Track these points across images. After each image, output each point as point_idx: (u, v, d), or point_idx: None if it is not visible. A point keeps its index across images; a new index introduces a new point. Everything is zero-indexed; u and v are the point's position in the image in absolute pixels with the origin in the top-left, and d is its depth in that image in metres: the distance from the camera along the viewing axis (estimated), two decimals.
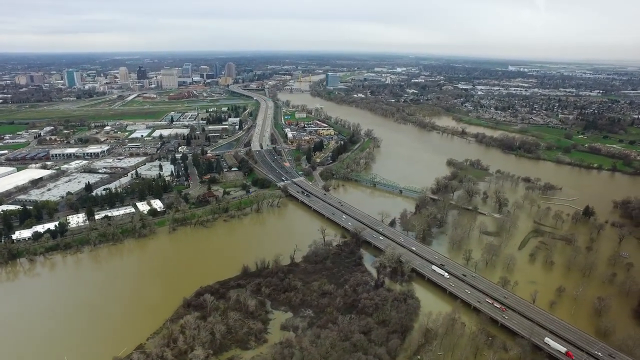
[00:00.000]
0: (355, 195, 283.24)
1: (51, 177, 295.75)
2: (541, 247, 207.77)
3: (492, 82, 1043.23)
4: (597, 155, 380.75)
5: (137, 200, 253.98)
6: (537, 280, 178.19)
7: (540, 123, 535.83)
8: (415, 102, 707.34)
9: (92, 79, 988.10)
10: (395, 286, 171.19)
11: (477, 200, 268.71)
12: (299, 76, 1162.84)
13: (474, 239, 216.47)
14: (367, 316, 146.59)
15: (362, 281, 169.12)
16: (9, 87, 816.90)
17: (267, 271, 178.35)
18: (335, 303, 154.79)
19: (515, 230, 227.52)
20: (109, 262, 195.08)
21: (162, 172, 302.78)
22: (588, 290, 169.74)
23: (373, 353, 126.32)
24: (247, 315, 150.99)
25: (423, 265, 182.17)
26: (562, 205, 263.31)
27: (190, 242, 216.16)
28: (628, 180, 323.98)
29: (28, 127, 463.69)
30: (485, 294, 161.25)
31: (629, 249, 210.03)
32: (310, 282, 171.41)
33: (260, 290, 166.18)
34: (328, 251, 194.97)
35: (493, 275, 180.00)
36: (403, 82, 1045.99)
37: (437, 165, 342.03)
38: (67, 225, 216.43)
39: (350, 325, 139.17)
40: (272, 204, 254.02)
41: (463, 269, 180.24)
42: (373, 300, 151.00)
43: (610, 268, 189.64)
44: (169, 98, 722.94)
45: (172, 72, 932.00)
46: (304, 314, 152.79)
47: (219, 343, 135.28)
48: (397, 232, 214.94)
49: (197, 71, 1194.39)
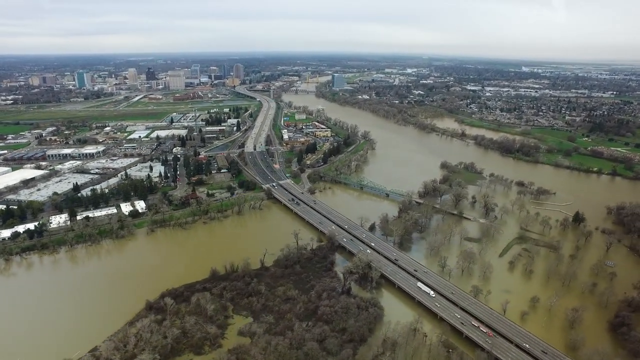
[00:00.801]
0: (342, 198, 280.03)
1: (43, 177, 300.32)
2: (523, 254, 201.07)
3: (502, 84, 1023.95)
4: (599, 158, 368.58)
5: (122, 201, 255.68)
6: (512, 289, 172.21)
7: (545, 125, 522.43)
8: (420, 103, 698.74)
9: (103, 80, 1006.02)
10: (363, 293, 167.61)
11: (465, 204, 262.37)
12: (307, 77, 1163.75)
13: (454, 245, 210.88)
14: (326, 324, 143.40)
15: (329, 287, 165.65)
16: (22, 88, 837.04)
17: (235, 275, 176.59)
18: (296, 309, 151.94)
19: (500, 236, 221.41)
20: (82, 263, 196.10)
21: (152, 173, 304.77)
22: (565, 301, 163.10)
23: None
24: (206, 320, 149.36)
25: (394, 272, 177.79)
26: (553, 210, 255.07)
27: (166, 244, 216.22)
28: (627, 185, 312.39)
29: (32, 127, 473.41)
30: (455, 304, 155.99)
31: (616, 258, 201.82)
32: (277, 287, 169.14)
33: (224, 294, 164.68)
34: (300, 255, 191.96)
35: (468, 283, 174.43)
36: (411, 83, 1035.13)
37: (431, 168, 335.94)
38: (47, 225, 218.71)
39: (305, 333, 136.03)
40: (254, 206, 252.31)
41: (435, 277, 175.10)
42: (333, 308, 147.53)
43: (592, 277, 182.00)
44: (173, 99, 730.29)
45: (179, 73, 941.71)
46: (264, 319, 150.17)
47: (170, 347, 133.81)
48: (374, 237, 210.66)
49: (207, 72, 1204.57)
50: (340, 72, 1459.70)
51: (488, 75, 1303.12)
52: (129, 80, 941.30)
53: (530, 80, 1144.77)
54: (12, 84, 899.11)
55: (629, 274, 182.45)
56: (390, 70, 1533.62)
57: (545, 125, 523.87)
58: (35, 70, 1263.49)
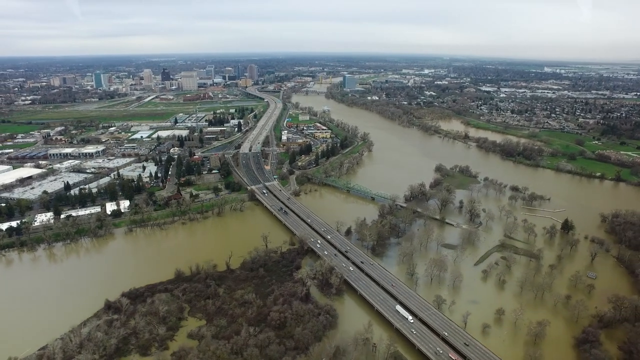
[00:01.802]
0: (326, 201, 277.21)
1: (40, 176, 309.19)
2: (501, 263, 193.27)
3: (519, 84, 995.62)
4: (605, 163, 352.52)
5: (108, 201, 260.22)
6: (481, 300, 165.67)
7: (555, 128, 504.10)
8: (429, 104, 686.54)
9: (120, 80, 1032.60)
10: (323, 299, 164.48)
11: (452, 210, 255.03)
12: (320, 78, 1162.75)
13: (431, 251, 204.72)
14: (278, 329, 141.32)
15: (289, 292, 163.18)
16: (42, 89, 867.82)
17: (198, 277, 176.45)
18: (248, 314, 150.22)
19: (481, 243, 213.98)
20: (56, 261, 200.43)
21: (143, 173, 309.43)
22: (534, 314, 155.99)
23: None
24: (159, 321, 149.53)
25: (358, 278, 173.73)
26: (544, 217, 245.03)
27: (141, 243, 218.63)
28: (631, 192, 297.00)
29: (42, 127, 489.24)
30: (414, 315, 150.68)
31: (601, 269, 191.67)
32: (237, 290, 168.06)
33: (182, 295, 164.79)
34: (268, 259, 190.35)
35: (436, 292, 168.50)
36: (425, 84, 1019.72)
37: (426, 171, 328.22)
38: (30, 223, 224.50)
39: (249, 338, 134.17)
40: (235, 207, 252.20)
41: (401, 285, 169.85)
42: (284, 314, 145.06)
43: (569, 290, 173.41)
44: (184, 99, 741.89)
45: (191, 74, 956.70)
46: (217, 323, 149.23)
47: (115, 347, 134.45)
48: (347, 241, 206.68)
49: (223, 73, 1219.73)
50: (356, 73, 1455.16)
51: (507, 76, 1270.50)
52: (144, 80, 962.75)
53: (551, 81, 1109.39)
54: (35, 84, 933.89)
55: (609, 287, 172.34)
56: (407, 71, 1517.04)
57: (555, 127, 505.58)
58: (60, 71, 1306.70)
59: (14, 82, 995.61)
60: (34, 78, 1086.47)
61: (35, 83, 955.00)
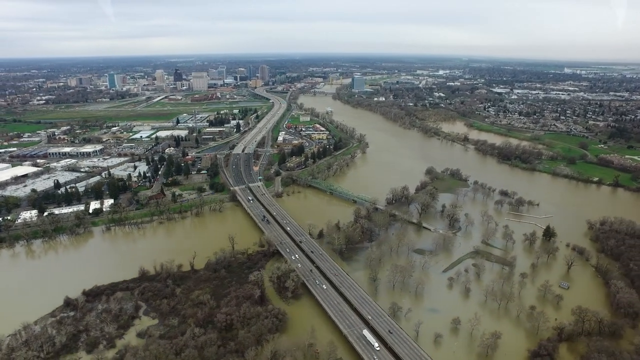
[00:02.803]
0: (307, 203, 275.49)
1: (35, 174, 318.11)
2: (471, 270, 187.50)
3: (534, 86, 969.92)
4: (607, 167, 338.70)
5: (94, 199, 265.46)
6: (441, 308, 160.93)
7: (562, 130, 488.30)
8: (435, 106, 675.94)
9: (134, 81, 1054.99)
10: (279, 302, 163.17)
11: (433, 214, 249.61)
12: (331, 79, 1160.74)
13: (402, 256, 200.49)
14: (221, 331, 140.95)
15: (245, 294, 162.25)
16: (59, 89, 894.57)
17: (160, 276, 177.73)
18: (198, 315, 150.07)
19: (456, 249, 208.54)
20: (31, 257, 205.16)
21: (133, 173, 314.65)
22: (494, 324, 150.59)
23: None
24: (113, 319, 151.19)
25: (318, 283, 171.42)
26: (528, 223, 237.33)
27: (115, 242, 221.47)
28: (627, 197, 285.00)
29: (50, 126, 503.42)
30: (367, 323, 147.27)
31: (577, 279, 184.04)
32: (195, 290, 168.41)
33: (138, 294, 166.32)
34: (234, 260, 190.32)
35: (397, 298, 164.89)
36: (438, 85, 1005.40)
37: (417, 173, 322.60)
38: (13, 220, 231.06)
39: (192, 339, 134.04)
40: (214, 208, 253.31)
41: (361, 291, 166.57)
42: (230, 316, 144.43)
43: (538, 300, 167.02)
44: (191, 100, 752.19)
45: (202, 74, 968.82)
46: (168, 322, 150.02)
47: (60, 345, 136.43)
48: (315, 244, 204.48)
49: (236, 73, 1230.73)
50: (370, 73, 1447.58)
51: (523, 77, 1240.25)
52: (156, 81, 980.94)
53: (568, 82, 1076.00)
54: (53, 85, 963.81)
55: (579, 298, 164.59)
56: (422, 71, 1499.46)
57: (562, 130, 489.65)
58: (81, 72, 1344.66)
59: (34, 82, 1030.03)
60: (54, 79, 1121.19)
61: (53, 83, 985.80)
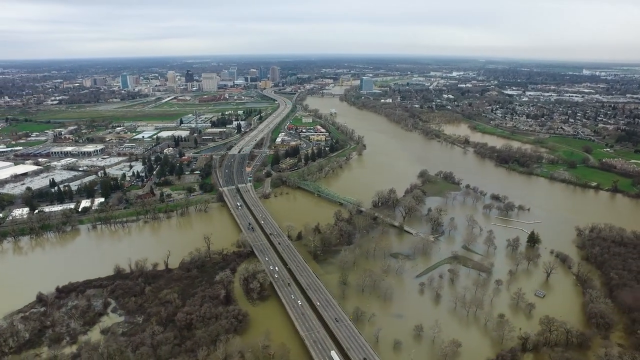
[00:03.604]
0: (295, 204, 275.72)
1: (35, 173, 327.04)
2: (445, 276, 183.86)
3: (547, 88, 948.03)
4: (608, 172, 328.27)
5: (85, 198, 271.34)
6: (406, 314, 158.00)
7: (568, 133, 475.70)
8: (441, 108, 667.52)
9: (147, 81, 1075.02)
10: (245, 303, 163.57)
11: (419, 217, 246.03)
12: (341, 80, 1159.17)
13: (378, 259, 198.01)
14: (181, 330, 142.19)
15: (212, 294, 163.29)
16: (74, 89, 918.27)
17: (134, 274, 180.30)
18: (162, 313, 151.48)
19: (435, 254, 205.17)
20: (17, 254, 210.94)
21: (128, 172, 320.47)
22: (460, 332, 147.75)
23: None
24: (80, 315, 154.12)
25: (285, 284, 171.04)
26: (515, 229, 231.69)
27: (98, 240, 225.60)
28: (625, 203, 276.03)
29: (58, 126, 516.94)
30: (326, 327, 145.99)
31: (557, 287, 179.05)
32: (164, 289, 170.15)
33: (115, 291, 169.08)
34: (208, 260, 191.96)
35: (364, 302, 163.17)
36: (449, 86, 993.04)
37: (410, 176, 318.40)
38: (5, 217, 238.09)
39: (151, 337, 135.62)
40: (200, 208, 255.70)
41: (327, 295, 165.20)
42: (190, 315, 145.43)
43: (510, 308, 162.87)
44: (199, 101, 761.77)
45: (212, 75, 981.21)
46: (133, 320, 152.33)
47: (24, 340, 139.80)
48: (291, 246, 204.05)
49: (248, 74, 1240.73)
50: (382, 75, 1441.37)
51: (539, 79, 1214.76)
52: (168, 82, 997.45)
53: (585, 84, 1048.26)
54: (68, 85, 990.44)
55: (554, 307, 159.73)
56: (435, 73, 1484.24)
57: (569, 133, 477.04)
58: (98, 73, 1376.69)
59: (52, 83, 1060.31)
60: (71, 79, 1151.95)
61: (69, 84, 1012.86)
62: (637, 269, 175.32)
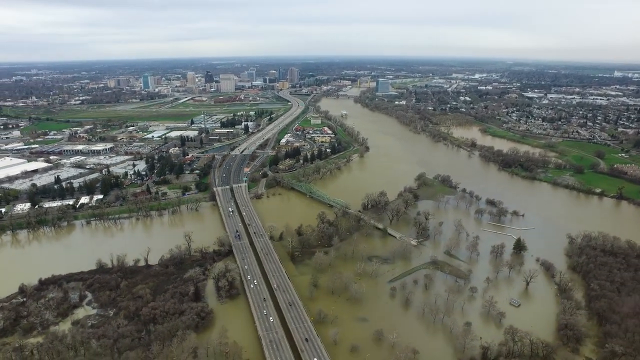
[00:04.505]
0: (286, 204, 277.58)
1: (44, 170, 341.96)
2: (421, 281, 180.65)
3: (571, 90, 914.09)
4: (617, 178, 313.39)
5: (85, 195, 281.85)
6: (372, 319, 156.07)
7: (583, 137, 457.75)
8: (454, 110, 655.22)
9: (168, 82, 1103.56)
10: (214, 300, 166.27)
11: (408, 220, 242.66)
12: (359, 82, 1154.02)
13: (357, 262, 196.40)
14: (145, 324, 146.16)
15: (183, 291, 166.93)
16: (98, 90, 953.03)
17: (114, 269, 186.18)
18: (130, 307, 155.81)
19: (415, 258, 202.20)
20: (14, 246, 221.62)
21: (130, 171, 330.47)
22: (425, 339, 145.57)
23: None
24: (56, 306, 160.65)
25: (256, 284, 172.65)
26: (506, 235, 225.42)
27: (91, 235, 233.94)
28: (628, 211, 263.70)
29: (76, 125, 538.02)
30: (283, 326, 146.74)
31: (536, 296, 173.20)
32: (139, 284, 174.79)
33: (93, 285, 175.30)
34: (188, 257, 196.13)
35: (331, 304, 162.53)
36: (469, 89, 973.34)
37: (407, 179, 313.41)
38: (8, 212, 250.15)
39: (114, 329, 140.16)
40: (191, 207, 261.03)
41: (294, 296, 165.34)
42: (155, 310, 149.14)
43: (480, 316, 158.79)
44: (214, 101, 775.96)
45: (230, 76, 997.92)
46: (106, 313, 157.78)
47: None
48: (270, 246, 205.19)
49: (267, 75, 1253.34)
50: (403, 77, 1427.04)
51: (565, 81, 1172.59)
52: (188, 82, 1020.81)
53: (614, 86, 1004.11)
54: (93, 86, 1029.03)
55: (527, 317, 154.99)
56: (457, 75, 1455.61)
57: (584, 137, 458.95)
58: (124, 73, 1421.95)
59: (79, 83, 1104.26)
60: (97, 80, 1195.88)
61: (94, 85, 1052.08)
62: (621, 280, 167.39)
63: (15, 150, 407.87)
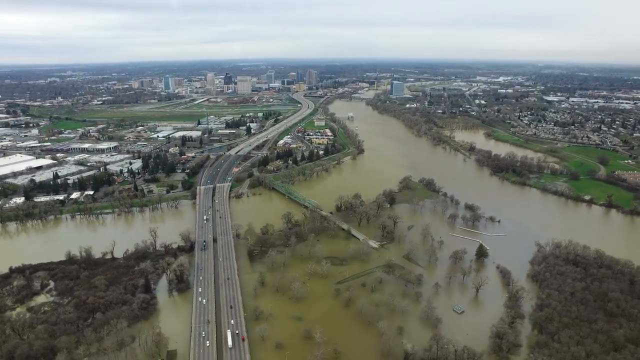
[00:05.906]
0: (263, 204, 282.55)
1: (48, 166, 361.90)
2: (369, 284, 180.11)
3: (597, 94, 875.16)
4: (615, 185, 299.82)
5: (77, 190, 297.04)
6: (306, 317, 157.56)
7: (592, 142, 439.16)
8: (464, 113, 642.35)
9: (189, 83, 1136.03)
10: (164, 293, 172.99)
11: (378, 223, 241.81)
12: (376, 84, 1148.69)
13: (313, 262, 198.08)
14: (90, 312, 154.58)
15: (135, 283, 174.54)
16: (121, 90, 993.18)
17: (80, 260, 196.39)
18: (81, 296, 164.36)
19: (373, 261, 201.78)
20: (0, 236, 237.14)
21: (125, 169, 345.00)
22: (349, 340, 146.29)
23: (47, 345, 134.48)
24: (17, 293, 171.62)
25: (204, 280, 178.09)
26: (474, 240, 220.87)
27: (73, 228, 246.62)
28: (614, 220, 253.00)
29: (91, 124, 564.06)
30: (217, 321, 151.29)
31: (487, 303, 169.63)
32: (98, 275, 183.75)
33: (57, 275, 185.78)
34: (152, 252, 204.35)
35: (272, 301, 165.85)
36: (486, 92, 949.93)
37: (393, 182, 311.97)
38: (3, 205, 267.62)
39: (57, 316, 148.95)
40: (172, 205, 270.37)
41: (237, 292, 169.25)
42: (100, 299, 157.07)
43: (417, 321, 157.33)
44: (229, 103, 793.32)
45: (246, 78, 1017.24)
46: (61, 301, 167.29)
47: None
48: (231, 244, 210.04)
49: (287, 77, 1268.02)
50: (425, 79, 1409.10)
51: (595, 84, 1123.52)
52: (207, 84, 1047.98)
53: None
54: (118, 87, 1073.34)
55: (465, 324, 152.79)
56: (480, 78, 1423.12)
57: (593, 142, 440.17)
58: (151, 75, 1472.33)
59: (107, 84, 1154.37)
60: (124, 81, 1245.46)
61: (119, 86, 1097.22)
62: (571, 290, 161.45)
63: (28, 148, 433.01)
